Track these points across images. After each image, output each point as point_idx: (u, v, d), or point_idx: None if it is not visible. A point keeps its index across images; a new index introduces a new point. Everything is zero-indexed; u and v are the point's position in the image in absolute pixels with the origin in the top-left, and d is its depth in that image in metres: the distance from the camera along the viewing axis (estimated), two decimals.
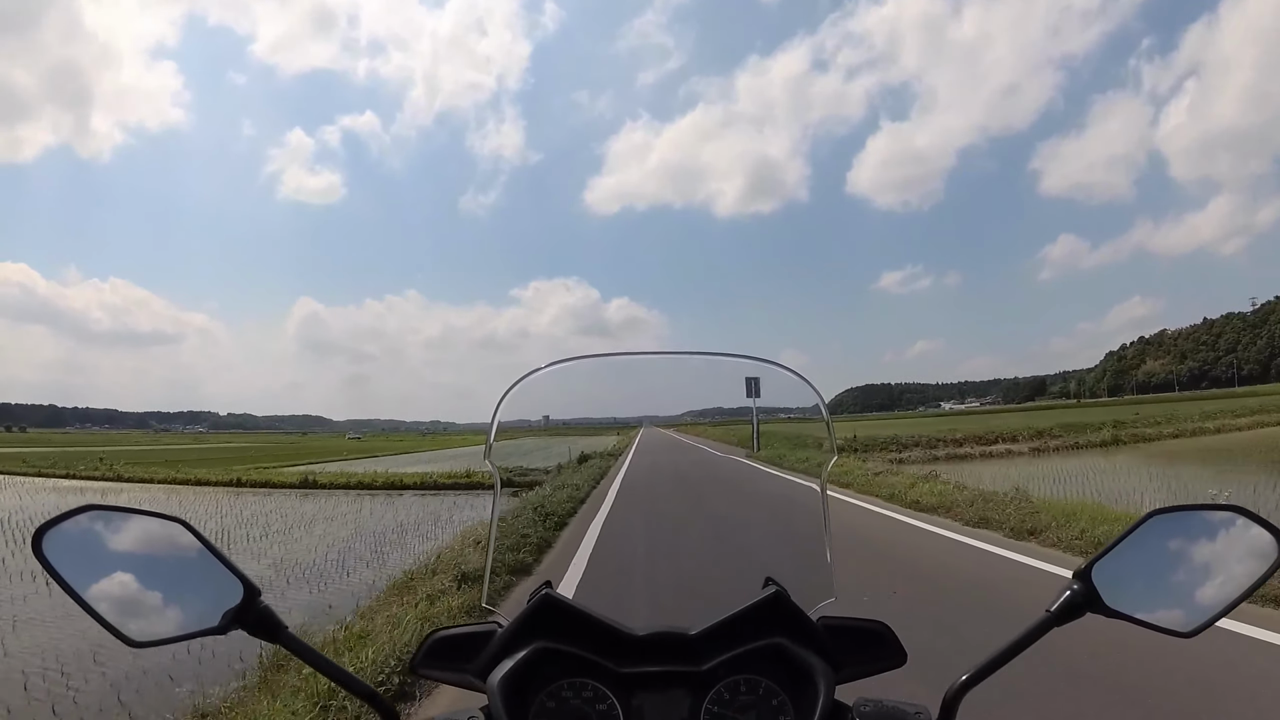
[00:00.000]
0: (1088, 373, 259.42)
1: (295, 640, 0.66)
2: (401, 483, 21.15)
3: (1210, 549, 0.66)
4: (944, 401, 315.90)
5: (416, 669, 0.74)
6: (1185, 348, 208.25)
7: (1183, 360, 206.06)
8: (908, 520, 7.51)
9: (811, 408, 0.92)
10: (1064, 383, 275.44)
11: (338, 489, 20.97)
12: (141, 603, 0.63)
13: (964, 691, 0.66)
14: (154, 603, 0.64)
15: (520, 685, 0.69)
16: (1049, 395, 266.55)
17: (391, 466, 27.49)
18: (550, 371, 0.86)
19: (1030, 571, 4.94)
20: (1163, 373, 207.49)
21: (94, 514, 0.64)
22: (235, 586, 0.64)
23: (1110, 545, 0.67)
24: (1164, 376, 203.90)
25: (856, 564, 5.20)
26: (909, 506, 8.38)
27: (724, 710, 0.71)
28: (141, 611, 0.63)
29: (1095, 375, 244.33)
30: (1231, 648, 3.04)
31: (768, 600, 0.73)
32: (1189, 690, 2.67)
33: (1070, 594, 0.66)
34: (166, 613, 0.64)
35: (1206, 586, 0.65)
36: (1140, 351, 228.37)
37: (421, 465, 28.34)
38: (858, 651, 0.75)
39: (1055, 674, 2.72)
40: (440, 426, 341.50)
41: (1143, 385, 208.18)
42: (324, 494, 20.11)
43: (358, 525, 13.26)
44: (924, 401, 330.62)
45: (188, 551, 0.65)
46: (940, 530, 6.78)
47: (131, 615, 0.62)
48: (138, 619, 0.63)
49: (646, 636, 0.73)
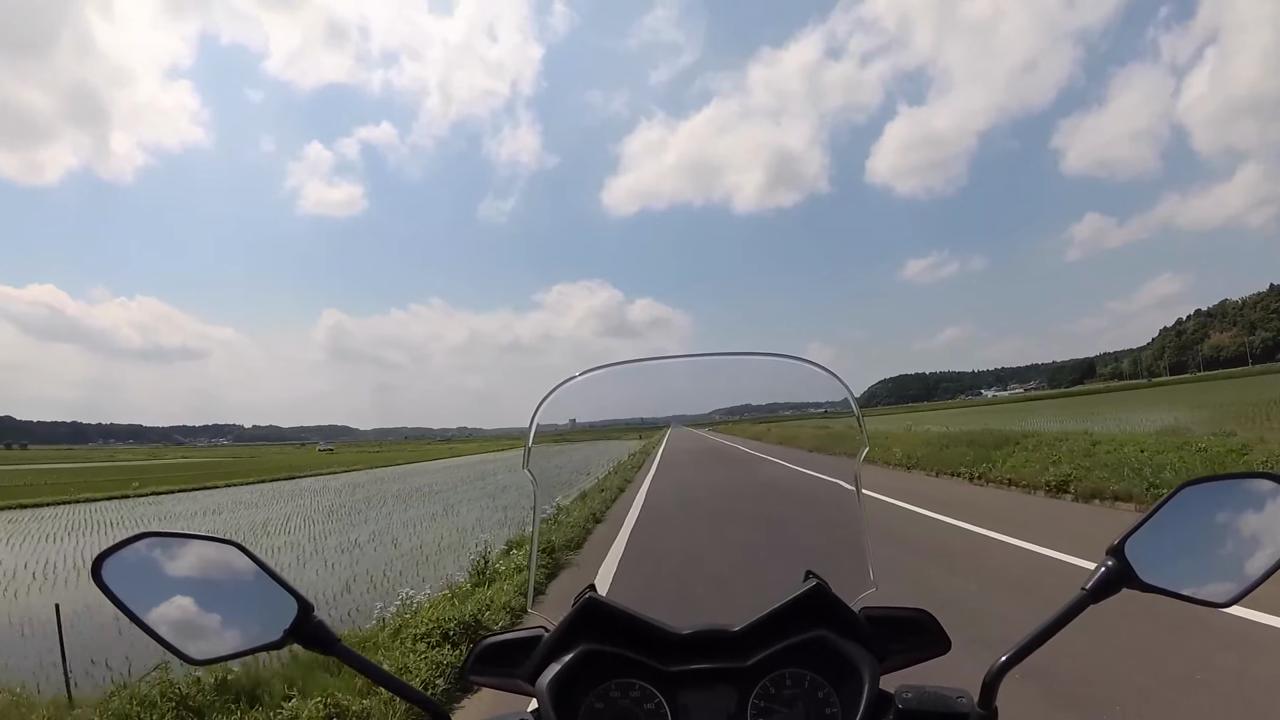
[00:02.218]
0: (1142, 351, 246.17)
1: (349, 652, 0.67)
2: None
3: (1243, 518, 0.65)
4: (985, 389, 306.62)
5: (468, 675, 0.75)
6: (1254, 318, 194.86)
7: (1253, 331, 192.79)
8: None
9: (841, 401, 0.91)
10: (1115, 362, 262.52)
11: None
12: (200, 622, 0.65)
13: (1003, 673, 0.64)
14: (212, 622, 0.66)
15: (569, 687, 0.71)
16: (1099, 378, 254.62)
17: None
18: (566, 386, 0.87)
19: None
20: (1233, 345, 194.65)
21: (151, 540, 0.66)
22: (290, 603, 0.66)
23: (1143, 519, 0.65)
24: (1235, 350, 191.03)
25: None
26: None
27: (770, 704, 0.72)
28: (200, 631, 0.65)
29: (1153, 353, 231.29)
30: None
31: (809, 593, 0.73)
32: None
33: (1105, 570, 0.65)
34: (224, 631, 0.65)
35: (1241, 556, 0.64)
36: (1202, 325, 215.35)
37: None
38: (900, 640, 0.74)
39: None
40: (467, 432, 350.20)
41: (1210, 360, 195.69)
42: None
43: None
44: (961, 390, 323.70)
45: (243, 572, 0.67)
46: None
47: (191, 635, 0.64)
48: (197, 638, 0.64)
49: (690, 635, 0.74)
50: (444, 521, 14.04)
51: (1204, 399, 35.05)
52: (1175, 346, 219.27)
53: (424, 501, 19.02)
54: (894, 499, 8.99)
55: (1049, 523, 6.89)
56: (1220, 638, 3.26)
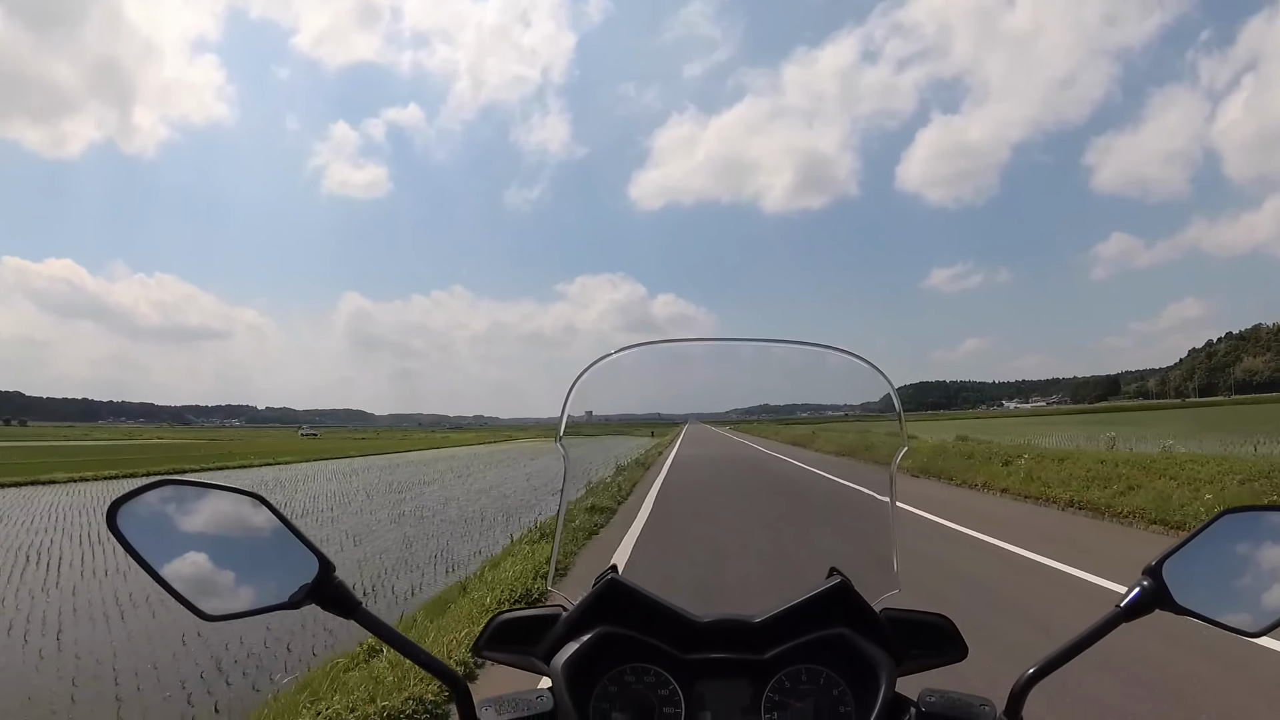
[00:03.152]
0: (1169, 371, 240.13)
1: (371, 617, 0.65)
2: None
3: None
4: (1006, 401, 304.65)
5: (481, 651, 0.73)
6: None
7: None
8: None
9: (881, 399, 0.87)
10: (1140, 381, 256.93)
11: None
12: (216, 578, 0.62)
13: (1031, 684, 0.64)
14: (228, 578, 0.62)
15: (584, 668, 0.70)
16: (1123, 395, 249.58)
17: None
18: (600, 364, 0.84)
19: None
20: (1266, 370, 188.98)
21: (170, 489, 0.63)
22: (310, 562, 0.63)
23: (1182, 542, 0.65)
24: (1269, 375, 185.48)
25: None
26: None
27: (785, 699, 0.71)
28: (216, 586, 0.62)
29: (1182, 373, 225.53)
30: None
31: (831, 590, 0.73)
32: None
33: (1141, 590, 0.65)
34: (241, 588, 0.63)
35: (1276, 588, 0.64)
36: (1234, 348, 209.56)
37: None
38: (919, 644, 0.74)
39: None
40: (484, 421, 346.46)
41: (1242, 384, 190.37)
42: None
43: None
44: (982, 400, 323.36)
45: (263, 527, 0.64)
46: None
47: (206, 589, 0.61)
48: (212, 593, 0.62)
49: (710, 623, 0.73)
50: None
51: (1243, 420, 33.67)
52: (1206, 368, 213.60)
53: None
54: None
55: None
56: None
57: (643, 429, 29.19)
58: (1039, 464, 11.12)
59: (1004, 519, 8.37)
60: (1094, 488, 9.10)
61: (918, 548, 6.36)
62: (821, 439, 19.21)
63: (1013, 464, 11.72)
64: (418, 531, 10.95)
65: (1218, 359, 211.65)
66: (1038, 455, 11.89)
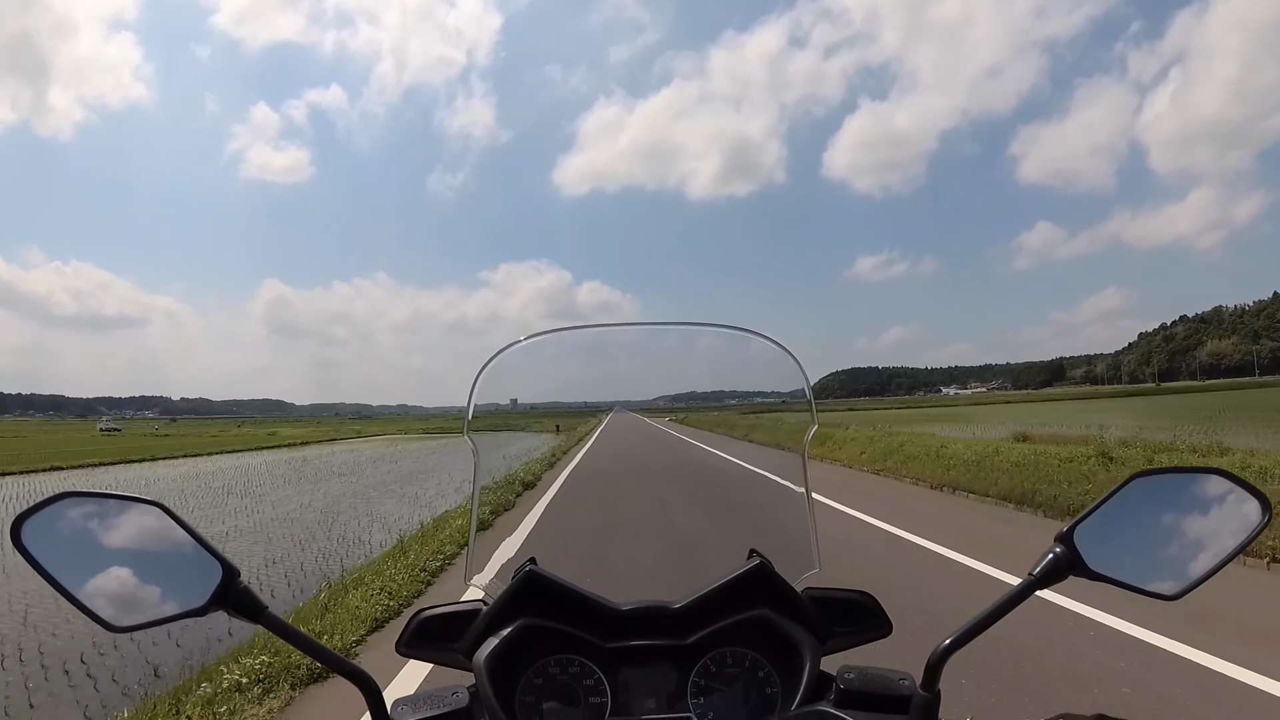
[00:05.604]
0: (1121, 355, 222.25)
1: (277, 620, 0.65)
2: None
3: (1193, 512, 0.64)
4: (943, 387, 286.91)
5: (403, 649, 0.74)
6: (1259, 326, 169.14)
7: (1257, 340, 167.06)
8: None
9: (794, 384, 0.88)
10: (1087, 366, 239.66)
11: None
12: (123, 588, 0.62)
13: (946, 656, 0.63)
14: (135, 587, 0.62)
15: (507, 662, 0.71)
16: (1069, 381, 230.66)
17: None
18: (518, 351, 0.85)
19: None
20: (1236, 354, 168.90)
21: (72, 500, 0.63)
22: (215, 568, 0.63)
23: (1092, 508, 0.64)
24: (1239, 359, 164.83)
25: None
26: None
27: (710, 683, 0.73)
28: (123, 596, 0.62)
29: (1136, 357, 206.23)
30: None
31: (751, 572, 0.74)
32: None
33: (1053, 557, 0.64)
34: (148, 596, 0.62)
35: (1190, 549, 0.63)
36: (1194, 331, 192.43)
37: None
38: (844, 622, 0.75)
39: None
40: (408, 410, 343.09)
41: (1209, 368, 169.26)
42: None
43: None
44: (915, 387, 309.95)
45: (167, 535, 0.64)
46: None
47: (113, 600, 0.61)
48: (119, 604, 0.61)
49: (631, 611, 0.74)
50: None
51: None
52: (1165, 352, 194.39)
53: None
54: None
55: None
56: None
57: (549, 422, 30.57)
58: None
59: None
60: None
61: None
62: (758, 431, 19.31)
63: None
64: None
65: (1176, 342, 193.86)
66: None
